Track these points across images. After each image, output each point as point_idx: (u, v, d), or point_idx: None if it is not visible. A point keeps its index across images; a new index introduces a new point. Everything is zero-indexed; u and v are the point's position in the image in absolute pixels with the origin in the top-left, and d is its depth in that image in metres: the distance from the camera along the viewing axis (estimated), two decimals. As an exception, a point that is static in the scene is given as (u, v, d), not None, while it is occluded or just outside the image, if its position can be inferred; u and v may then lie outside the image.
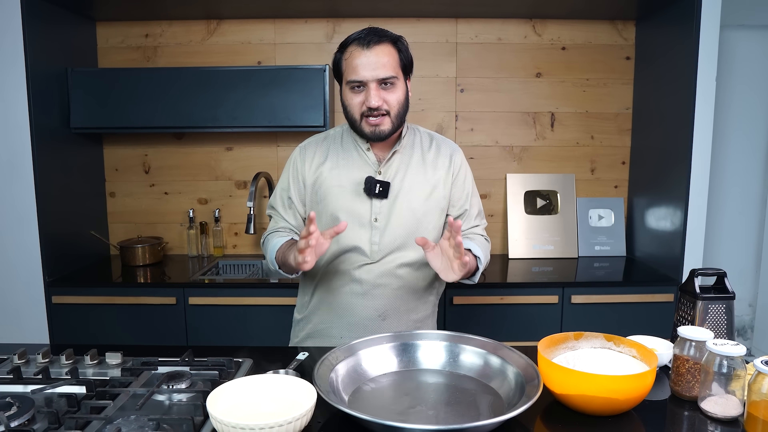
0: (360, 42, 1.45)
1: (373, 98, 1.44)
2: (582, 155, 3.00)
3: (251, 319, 2.42)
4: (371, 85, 1.44)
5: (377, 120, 1.47)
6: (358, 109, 1.48)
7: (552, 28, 2.91)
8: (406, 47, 1.52)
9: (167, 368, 1.29)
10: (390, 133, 1.51)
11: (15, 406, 1.06)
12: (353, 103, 1.48)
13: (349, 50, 1.46)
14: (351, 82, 1.46)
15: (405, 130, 1.61)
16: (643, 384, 1.08)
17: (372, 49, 1.43)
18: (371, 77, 1.43)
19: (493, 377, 1.23)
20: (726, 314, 1.34)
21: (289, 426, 0.95)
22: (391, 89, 1.47)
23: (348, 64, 1.46)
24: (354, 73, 1.44)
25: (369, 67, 1.43)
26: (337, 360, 1.23)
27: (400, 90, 1.49)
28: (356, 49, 1.45)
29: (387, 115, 1.47)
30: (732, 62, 3.04)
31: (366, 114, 1.47)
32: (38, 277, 2.44)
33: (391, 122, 1.49)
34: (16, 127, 2.37)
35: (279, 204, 1.66)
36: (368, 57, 1.43)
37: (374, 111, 1.45)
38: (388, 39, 1.47)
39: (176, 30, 2.88)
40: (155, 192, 2.99)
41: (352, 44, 1.46)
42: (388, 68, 1.45)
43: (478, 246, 1.58)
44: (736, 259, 3.22)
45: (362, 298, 1.57)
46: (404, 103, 1.51)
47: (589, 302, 2.44)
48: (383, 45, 1.45)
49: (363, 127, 1.49)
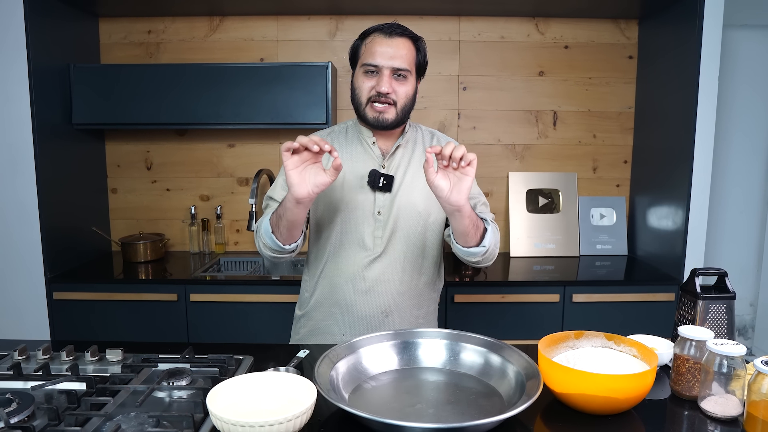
0: (383, 31, 1.50)
1: (384, 84, 1.47)
2: (584, 154, 3.00)
3: (252, 316, 2.42)
4: (385, 72, 1.48)
5: (383, 107, 1.49)
6: (366, 93, 1.51)
7: (555, 26, 2.90)
8: (425, 50, 1.56)
9: (168, 365, 1.29)
10: (392, 124, 1.52)
11: (15, 403, 1.06)
12: (364, 86, 1.51)
13: (371, 37, 1.52)
14: (366, 65, 1.49)
15: (408, 127, 1.62)
16: (643, 383, 1.08)
17: (393, 39, 1.49)
18: (387, 64, 1.47)
19: (493, 376, 1.23)
20: (726, 314, 1.34)
21: (289, 424, 0.95)
22: (403, 82, 1.51)
23: (367, 48, 1.51)
24: (371, 57, 1.48)
25: (387, 54, 1.47)
26: (337, 358, 1.23)
27: (410, 85, 1.53)
28: (378, 36, 1.50)
29: (394, 105, 1.50)
30: (734, 62, 3.03)
31: (374, 99, 1.49)
32: (39, 273, 2.44)
33: (396, 113, 1.51)
34: (18, 122, 2.37)
35: (279, 195, 1.57)
36: (389, 45, 1.48)
37: (382, 97, 1.48)
38: (409, 36, 1.52)
39: (179, 26, 2.88)
40: (157, 188, 3.00)
41: (375, 32, 1.52)
42: (405, 60, 1.49)
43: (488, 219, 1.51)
44: (737, 258, 3.22)
45: (365, 295, 1.57)
46: (411, 99, 1.54)
47: (591, 301, 2.44)
48: (405, 39, 1.50)
49: (367, 111, 1.51)
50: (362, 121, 1.57)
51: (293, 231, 1.44)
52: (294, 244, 1.48)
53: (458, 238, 1.44)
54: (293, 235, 1.45)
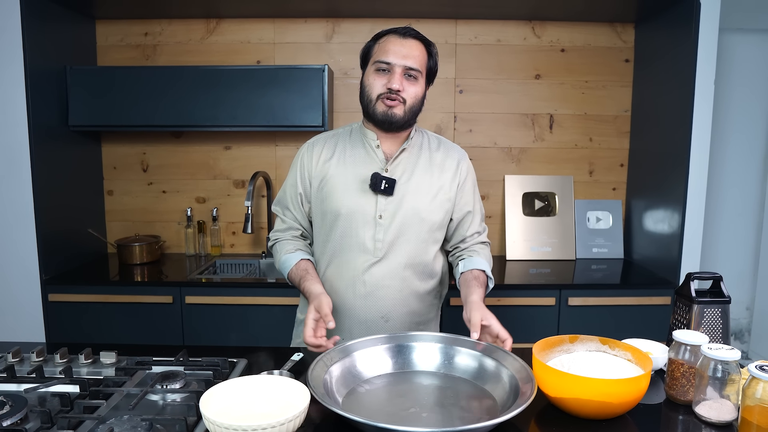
0: (398, 32, 1.53)
1: (396, 81, 1.49)
2: (580, 157, 3.00)
3: (248, 319, 2.42)
4: (397, 70, 1.50)
5: (393, 102, 1.51)
6: (377, 90, 1.52)
7: (551, 29, 2.91)
8: (436, 56, 1.59)
9: (161, 368, 1.29)
10: (400, 121, 1.53)
11: (8, 405, 1.06)
12: (375, 83, 1.53)
13: (385, 37, 1.54)
14: (379, 62, 1.51)
15: (413, 132, 1.63)
16: (637, 388, 1.08)
17: (407, 40, 1.52)
18: (399, 63, 1.50)
19: (487, 380, 1.23)
20: (721, 318, 1.34)
21: (282, 427, 0.95)
22: (413, 82, 1.53)
23: (380, 47, 1.53)
24: (384, 55, 1.51)
25: (400, 53, 1.50)
26: (331, 361, 1.23)
27: (420, 87, 1.55)
28: (393, 36, 1.53)
29: (403, 103, 1.52)
30: (730, 66, 3.04)
31: (384, 95, 1.51)
32: (35, 275, 2.43)
33: (405, 112, 1.53)
34: (14, 124, 2.37)
35: (289, 200, 1.67)
36: (402, 45, 1.51)
37: (393, 94, 1.50)
38: (423, 40, 1.56)
39: (176, 29, 2.88)
40: (153, 190, 2.99)
41: (389, 33, 1.54)
42: (417, 61, 1.51)
43: (485, 260, 1.63)
44: (733, 262, 3.22)
45: (365, 300, 1.57)
46: (420, 101, 1.56)
47: (586, 304, 2.44)
48: (418, 42, 1.54)
49: (377, 106, 1.53)
50: (369, 120, 1.57)
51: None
52: None
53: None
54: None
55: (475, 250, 1.65)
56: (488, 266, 1.62)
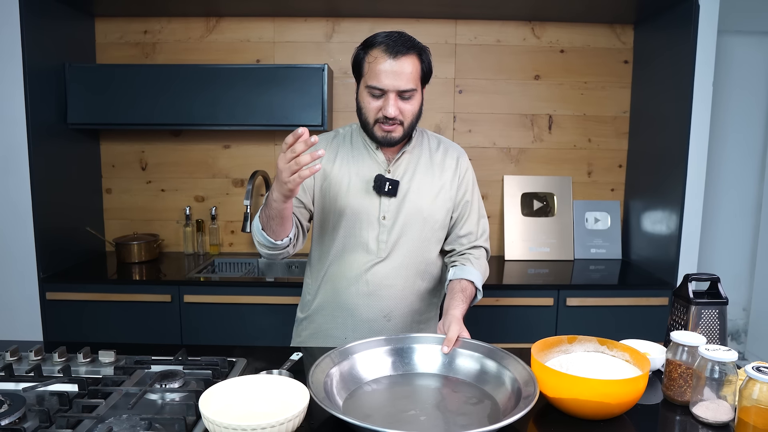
0: (388, 49, 1.43)
1: (390, 108, 1.45)
2: (579, 158, 3.01)
3: (246, 318, 2.42)
4: (390, 95, 1.45)
5: (390, 127, 1.48)
6: (373, 115, 1.49)
7: (551, 30, 2.91)
8: (429, 58, 1.52)
9: (160, 367, 1.29)
10: (400, 140, 1.53)
11: (6, 404, 1.06)
12: (370, 107, 1.49)
13: (374, 54, 1.45)
14: (371, 87, 1.46)
15: (414, 133, 1.62)
16: (635, 388, 1.08)
17: (398, 59, 1.43)
18: (392, 87, 1.44)
19: (488, 382, 1.23)
20: (719, 319, 1.35)
21: (281, 427, 0.95)
22: (409, 101, 1.48)
23: (371, 68, 1.45)
24: (376, 80, 1.44)
25: (392, 76, 1.43)
26: (332, 362, 1.23)
27: (417, 101, 1.50)
28: (382, 55, 1.44)
29: (401, 124, 1.49)
30: (729, 67, 3.05)
31: (381, 121, 1.48)
32: (33, 273, 2.43)
33: (404, 131, 1.51)
34: (12, 121, 2.36)
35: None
36: (392, 66, 1.43)
37: (389, 120, 1.46)
38: (414, 50, 1.47)
39: (175, 27, 2.88)
40: (152, 189, 2.99)
41: (378, 48, 1.45)
42: (410, 80, 1.45)
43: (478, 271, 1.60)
44: (731, 263, 3.23)
45: (368, 299, 1.57)
46: (418, 113, 1.53)
47: (585, 305, 2.44)
48: (409, 56, 1.45)
49: (375, 131, 1.51)
50: (369, 137, 1.56)
51: (285, 224, 1.42)
52: (286, 239, 1.47)
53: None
54: (285, 229, 1.44)
55: (469, 259, 1.63)
56: (480, 278, 1.59)
